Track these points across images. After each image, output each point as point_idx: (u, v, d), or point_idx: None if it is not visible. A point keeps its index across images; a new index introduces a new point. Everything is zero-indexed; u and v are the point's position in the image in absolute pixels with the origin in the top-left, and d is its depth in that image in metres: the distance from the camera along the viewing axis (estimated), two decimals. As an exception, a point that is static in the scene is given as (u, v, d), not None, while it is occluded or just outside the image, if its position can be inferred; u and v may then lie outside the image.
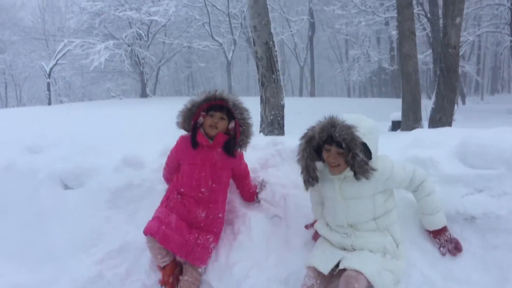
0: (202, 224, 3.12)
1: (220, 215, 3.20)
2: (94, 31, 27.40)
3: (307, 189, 2.76)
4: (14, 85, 44.09)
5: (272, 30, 7.89)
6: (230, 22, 29.54)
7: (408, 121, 9.68)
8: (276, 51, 7.82)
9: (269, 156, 3.59)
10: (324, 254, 2.70)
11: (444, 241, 2.80)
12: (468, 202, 2.87)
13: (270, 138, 3.78)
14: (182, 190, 3.17)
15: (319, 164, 2.78)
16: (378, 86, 42.09)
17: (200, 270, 3.08)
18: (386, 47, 33.33)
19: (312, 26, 32.32)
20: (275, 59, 7.74)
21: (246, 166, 3.35)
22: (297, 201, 3.02)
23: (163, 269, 3.11)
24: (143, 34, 27.32)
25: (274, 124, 7.72)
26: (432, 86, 25.80)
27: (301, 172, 2.74)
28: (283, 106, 7.79)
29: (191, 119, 3.11)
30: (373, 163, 2.55)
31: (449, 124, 8.87)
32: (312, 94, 33.61)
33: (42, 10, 41.65)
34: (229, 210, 3.36)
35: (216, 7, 29.44)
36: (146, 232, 3.02)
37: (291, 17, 33.34)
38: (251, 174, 3.45)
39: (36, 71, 36.28)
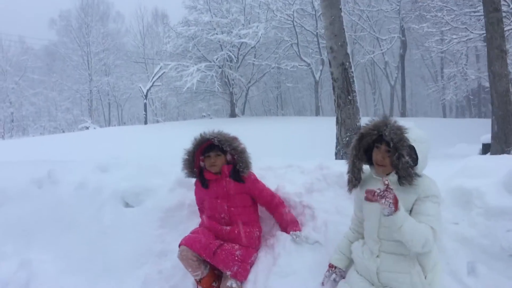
0: (226, 238, 3.32)
1: (247, 230, 3.35)
2: (188, 54, 28.79)
3: (350, 190, 2.78)
4: (117, 106, 47.61)
5: (349, 51, 7.77)
6: (319, 42, 29.58)
7: (498, 145, 9.02)
8: (352, 71, 7.70)
9: (315, 180, 3.55)
10: None
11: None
12: (514, 237, 2.61)
13: (318, 162, 3.72)
14: (209, 218, 3.48)
15: (365, 168, 2.78)
16: (477, 106, 39.65)
17: (236, 284, 3.15)
18: (486, 65, 31.32)
19: (404, 44, 31.37)
20: (351, 80, 7.61)
21: (266, 191, 3.48)
22: (339, 228, 2.94)
23: (199, 283, 3.25)
24: (233, 56, 28.24)
25: (350, 145, 7.56)
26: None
27: (347, 172, 2.77)
28: (359, 128, 7.60)
29: (193, 167, 3.46)
30: (419, 172, 2.53)
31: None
32: (403, 114, 32.45)
33: (143, 35, 44.76)
34: (271, 234, 3.37)
35: (305, 28, 29.67)
36: (179, 245, 3.25)
37: (382, 35, 32.65)
38: (296, 198, 3.50)
39: (136, 92, 38.90)
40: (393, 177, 2.57)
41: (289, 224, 3.43)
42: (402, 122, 2.58)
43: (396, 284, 2.50)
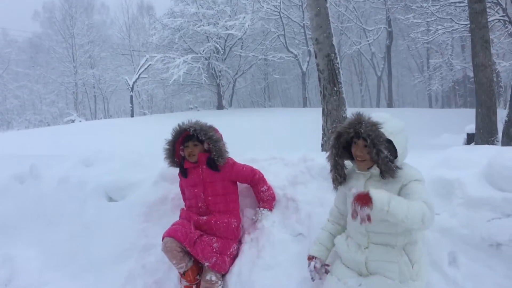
0: (204, 228, 3.33)
1: (225, 221, 3.35)
2: (174, 46, 28.58)
3: (336, 187, 2.80)
4: (103, 98, 47.17)
5: (334, 42, 7.75)
6: (305, 33, 29.55)
7: (482, 135, 9.11)
8: (338, 63, 7.67)
9: (299, 172, 3.54)
10: (338, 283, 2.62)
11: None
12: (494, 227, 2.66)
13: (301, 154, 3.72)
14: (187, 208, 3.55)
15: (347, 163, 2.80)
16: (463, 96, 39.99)
17: (216, 276, 3.19)
18: (471, 55, 31.44)
19: (390, 35, 31.45)
20: (337, 71, 7.59)
21: (244, 171, 3.51)
22: (322, 219, 2.93)
23: (183, 276, 3.26)
24: (220, 48, 28.08)
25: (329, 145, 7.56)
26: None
27: (330, 171, 2.78)
28: (345, 119, 7.54)
29: (174, 157, 3.50)
30: (400, 163, 2.54)
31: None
32: (389, 104, 32.63)
33: (128, 27, 44.27)
34: (254, 227, 3.37)
35: (291, 19, 29.62)
36: (162, 238, 3.26)
37: (368, 26, 32.72)
38: (279, 191, 3.54)
39: (122, 85, 38.51)
40: (375, 170, 2.59)
41: (262, 201, 3.52)
42: (376, 115, 2.59)
43: (385, 272, 2.51)
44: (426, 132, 15.45)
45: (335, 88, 7.54)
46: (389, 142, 2.51)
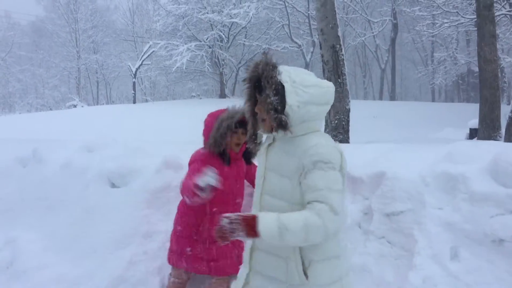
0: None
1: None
2: (178, 33, 28.44)
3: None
4: (105, 84, 47.08)
5: (339, 33, 7.72)
6: (310, 24, 29.34)
7: (485, 130, 9.09)
8: (343, 54, 7.64)
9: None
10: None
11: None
12: (497, 223, 2.65)
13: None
14: (214, 209, 3.09)
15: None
16: (466, 91, 39.85)
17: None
18: (476, 50, 31.28)
19: (395, 28, 31.29)
20: (341, 62, 7.57)
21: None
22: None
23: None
24: (223, 36, 27.95)
25: (339, 129, 7.56)
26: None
27: (249, 136, 2.17)
28: (348, 111, 7.61)
29: (224, 141, 3.02)
30: (294, 122, 1.94)
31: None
32: (392, 97, 32.55)
33: (132, 13, 43.97)
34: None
35: (296, 9, 29.40)
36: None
37: (373, 18, 32.51)
38: None
39: (125, 71, 38.40)
40: (279, 134, 2.00)
41: None
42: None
43: (270, 269, 2.04)
44: (428, 125, 15.44)
45: (339, 80, 7.51)
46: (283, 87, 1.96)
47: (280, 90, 1.93)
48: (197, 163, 3.02)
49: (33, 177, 4.40)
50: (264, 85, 1.96)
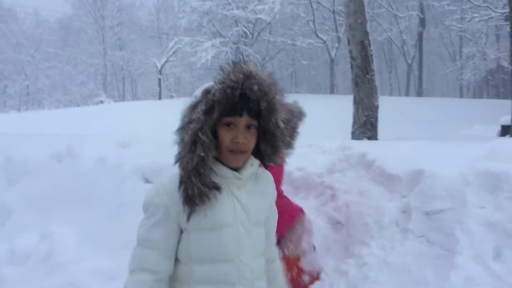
0: None
1: None
2: (202, 30, 28.57)
3: (196, 210, 1.42)
4: (131, 80, 47.64)
5: (369, 29, 7.63)
6: (335, 19, 29.13)
7: (518, 126, 8.88)
8: (371, 50, 7.55)
9: (336, 160, 3.52)
10: None
11: None
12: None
13: (339, 142, 3.69)
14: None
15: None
16: (495, 87, 38.97)
17: None
18: (506, 44, 30.52)
19: (422, 22, 30.77)
20: (370, 58, 7.48)
21: None
22: (361, 209, 2.91)
23: None
24: (248, 32, 27.98)
25: (367, 125, 7.48)
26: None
27: (187, 177, 1.44)
28: (377, 107, 7.52)
29: None
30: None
31: None
32: (419, 93, 32.04)
33: (157, 9, 44.30)
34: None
35: (321, 4, 29.18)
36: None
37: (400, 13, 32.02)
38: (317, 179, 3.47)
39: (150, 67, 38.81)
40: (251, 168, 1.54)
41: None
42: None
43: None
44: (456, 122, 15.14)
45: (367, 76, 7.44)
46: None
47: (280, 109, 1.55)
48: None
49: (68, 172, 4.48)
50: (270, 107, 1.49)
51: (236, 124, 1.47)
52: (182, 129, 1.51)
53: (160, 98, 31.97)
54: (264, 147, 1.55)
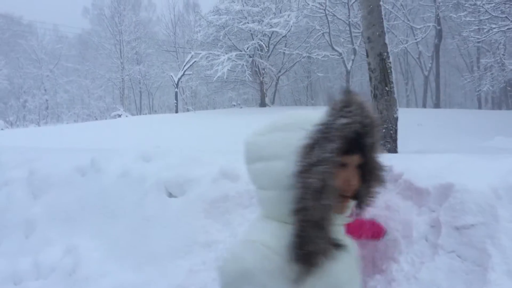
0: None
1: None
2: (218, 43, 28.79)
3: (312, 271, 1.17)
4: (148, 94, 48.19)
5: (387, 41, 7.61)
6: (351, 32, 29.12)
7: (541, 139, 8.74)
8: (390, 62, 7.52)
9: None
10: None
11: None
12: None
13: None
14: None
15: None
16: (515, 98, 38.52)
17: None
18: (525, 55, 30.33)
19: (439, 34, 30.60)
20: (389, 70, 7.45)
21: None
22: (388, 223, 2.87)
23: None
24: (264, 45, 28.10)
25: (386, 138, 7.43)
26: None
27: (308, 231, 1.16)
28: (396, 119, 7.48)
29: None
30: None
31: None
32: (436, 105, 31.75)
33: (174, 24, 44.88)
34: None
35: (337, 17, 29.22)
36: None
37: (416, 24, 31.93)
38: None
39: (166, 81, 39.26)
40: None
41: None
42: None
43: None
44: (476, 134, 14.91)
45: (386, 88, 7.40)
46: None
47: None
48: None
49: (92, 186, 4.53)
50: (376, 143, 1.30)
51: (350, 164, 1.26)
52: (304, 172, 1.17)
53: (177, 111, 32.20)
54: (361, 187, 1.35)
